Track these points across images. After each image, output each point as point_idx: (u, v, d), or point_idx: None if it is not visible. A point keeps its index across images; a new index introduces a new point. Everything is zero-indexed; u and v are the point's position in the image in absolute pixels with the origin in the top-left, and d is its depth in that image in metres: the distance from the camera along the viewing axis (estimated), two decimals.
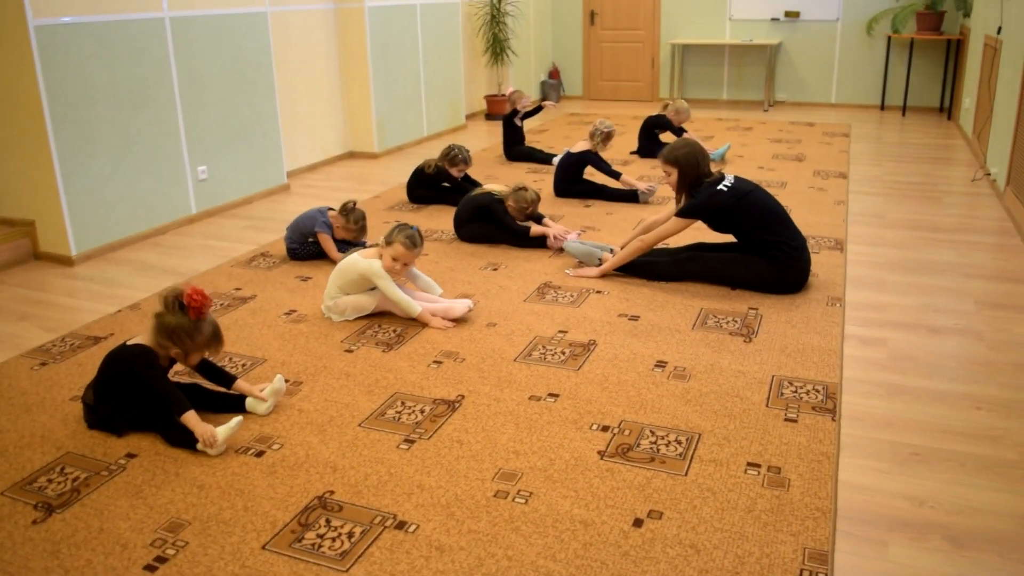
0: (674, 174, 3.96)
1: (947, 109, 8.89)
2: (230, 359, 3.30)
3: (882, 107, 9.29)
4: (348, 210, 4.31)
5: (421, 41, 7.73)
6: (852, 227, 4.95)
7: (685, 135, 6.79)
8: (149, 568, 2.09)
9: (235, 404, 2.84)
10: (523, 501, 2.34)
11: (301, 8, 6.56)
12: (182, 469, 2.53)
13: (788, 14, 9.43)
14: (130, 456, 2.61)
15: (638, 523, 2.24)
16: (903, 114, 8.98)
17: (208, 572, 2.07)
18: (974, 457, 2.59)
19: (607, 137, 5.65)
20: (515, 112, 6.98)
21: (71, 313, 3.86)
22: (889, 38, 8.93)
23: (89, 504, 2.37)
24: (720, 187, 3.88)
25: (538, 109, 7.34)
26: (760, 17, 9.59)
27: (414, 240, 3.55)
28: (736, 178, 3.95)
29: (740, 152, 7.15)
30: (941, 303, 3.79)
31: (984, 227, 4.92)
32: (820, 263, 4.27)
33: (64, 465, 2.57)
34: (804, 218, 5.08)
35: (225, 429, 2.56)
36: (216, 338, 2.70)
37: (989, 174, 5.91)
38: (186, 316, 2.62)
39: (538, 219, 4.75)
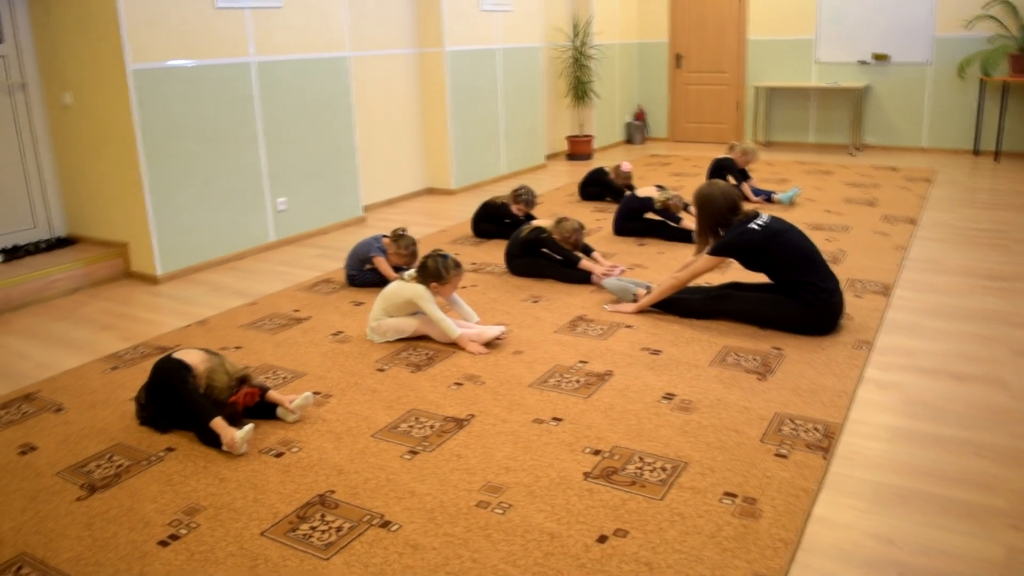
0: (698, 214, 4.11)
1: None
2: (274, 371, 3.64)
3: (975, 152, 9.04)
4: (398, 236, 4.65)
5: (501, 83, 8.10)
6: (904, 272, 4.92)
7: (748, 181, 6.89)
8: (162, 543, 2.41)
9: (267, 411, 3.15)
10: (501, 512, 2.54)
11: (383, 53, 7.04)
12: (210, 464, 2.85)
13: (877, 57, 9.33)
14: (169, 450, 2.96)
15: (602, 539, 2.40)
16: (996, 159, 8.71)
17: (210, 550, 2.36)
18: (959, 502, 2.61)
19: (667, 203, 5.74)
20: (631, 188, 6.96)
21: (148, 326, 4.31)
22: (982, 81, 8.72)
23: (126, 487, 2.72)
24: (753, 225, 3.98)
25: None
26: (847, 60, 9.53)
27: (458, 264, 3.91)
28: (771, 217, 4.05)
29: (812, 196, 7.13)
30: (973, 350, 3.76)
31: None
32: (860, 307, 4.29)
33: (113, 454, 2.95)
34: (857, 262, 5.08)
35: (241, 434, 2.87)
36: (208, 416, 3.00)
37: None
38: (229, 390, 2.97)
39: (587, 251, 4.95)
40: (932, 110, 9.25)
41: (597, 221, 6.35)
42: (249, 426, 2.91)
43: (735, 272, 4.60)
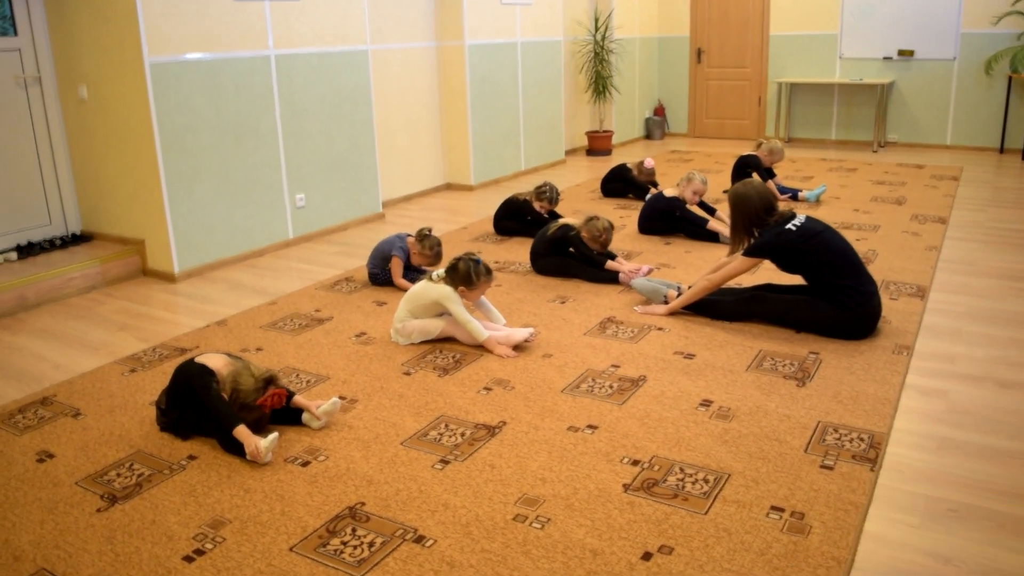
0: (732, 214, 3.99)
1: None
2: (296, 375, 3.54)
3: (1001, 150, 8.87)
4: (423, 236, 4.54)
5: (521, 78, 7.98)
6: (939, 274, 4.78)
7: (773, 179, 6.76)
8: (187, 559, 2.30)
9: (292, 416, 3.05)
10: (539, 527, 2.43)
11: (403, 46, 6.92)
12: (234, 473, 2.75)
13: (902, 53, 9.16)
14: (191, 458, 2.86)
15: (647, 557, 2.29)
16: (1023, 157, 8.53)
17: (237, 567, 2.26)
18: (1016, 518, 2.49)
19: (696, 190, 5.63)
20: (654, 185, 6.96)
21: (166, 326, 4.22)
22: (1010, 78, 8.54)
23: (148, 498, 2.62)
24: (789, 226, 3.86)
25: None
26: (872, 56, 9.36)
27: (489, 271, 3.81)
28: (807, 218, 3.92)
29: (838, 194, 6.99)
30: (1017, 356, 3.63)
31: None
32: (896, 310, 4.16)
33: (134, 462, 2.85)
34: (889, 263, 4.94)
35: (266, 442, 2.77)
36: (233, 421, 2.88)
37: None
38: (256, 392, 2.86)
39: (611, 255, 4.83)
40: (957, 107, 9.08)
41: (621, 219, 6.23)
42: (274, 435, 2.81)
43: (768, 273, 4.48)
